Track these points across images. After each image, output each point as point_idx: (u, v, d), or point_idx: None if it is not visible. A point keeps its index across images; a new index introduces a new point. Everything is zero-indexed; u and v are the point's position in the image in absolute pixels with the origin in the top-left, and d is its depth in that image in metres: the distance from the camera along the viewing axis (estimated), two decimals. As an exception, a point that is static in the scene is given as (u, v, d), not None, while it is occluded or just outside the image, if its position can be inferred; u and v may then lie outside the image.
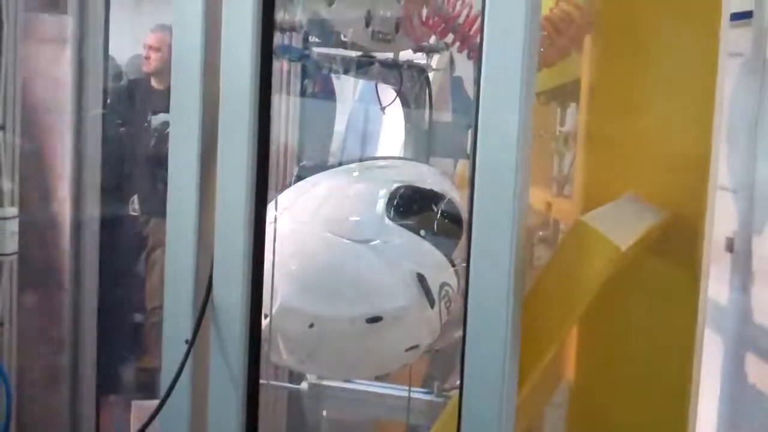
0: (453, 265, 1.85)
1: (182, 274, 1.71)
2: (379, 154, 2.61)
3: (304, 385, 2.21)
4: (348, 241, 1.76)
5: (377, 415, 2.32)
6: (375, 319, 1.74)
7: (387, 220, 1.81)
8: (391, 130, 2.46)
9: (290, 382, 2.31)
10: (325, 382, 2.18)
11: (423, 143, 2.33)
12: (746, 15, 2.99)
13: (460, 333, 1.60)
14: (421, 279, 1.77)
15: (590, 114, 2.04)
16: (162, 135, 3.36)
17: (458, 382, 1.80)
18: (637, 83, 1.88)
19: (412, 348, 1.83)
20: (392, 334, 1.78)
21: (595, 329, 1.91)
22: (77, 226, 2.67)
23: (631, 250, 1.60)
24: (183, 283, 1.71)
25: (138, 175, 3.71)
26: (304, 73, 2.39)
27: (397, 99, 2.26)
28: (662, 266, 1.83)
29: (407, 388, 2.11)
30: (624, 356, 1.91)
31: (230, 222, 1.66)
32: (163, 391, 1.68)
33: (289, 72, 2.35)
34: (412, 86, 2.26)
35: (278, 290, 1.74)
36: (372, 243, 1.77)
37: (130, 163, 3.71)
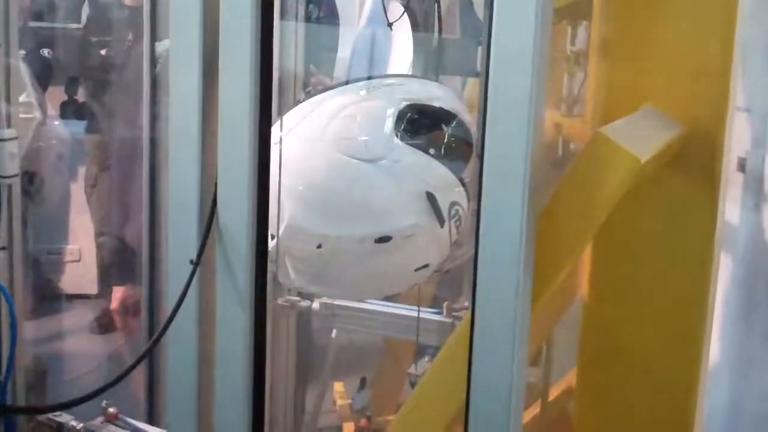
0: (463, 185, 1.81)
1: (186, 194, 1.68)
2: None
3: (315, 305, 2.20)
4: (356, 161, 1.73)
5: (387, 334, 2.32)
6: (384, 239, 1.72)
7: (396, 139, 1.77)
8: (399, 50, 2.40)
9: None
10: (336, 302, 2.17)
11: (432, 61, 2.27)
12: (765, -74, 2.89)
13: (470, 252, 1.58)
14: (430, 198, 1.74)
15: (606, 27, 1.97)
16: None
17: (467, 304, 1.78)
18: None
19: (421, 268, 1.81)
20: (402, 254, 1.75)
21: (610, 246, 1.88)
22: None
23: (650, 164, 1.56)
24: (187, 204, 1.68)
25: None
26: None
27: (406, 18, 2.20)
28: (679, 182, 1.80)
29: (416, 308, 2.10)
30: (639, 273, 1.88)
31: (234, 140, 1.62)
32: (169, 312, 1.67)
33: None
34: (420, 2, 2.20)
35: (285, 210, 1.71)
36: (380, 162, 1.74)
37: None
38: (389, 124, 1.79)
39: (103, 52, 3.73)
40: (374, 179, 1.74)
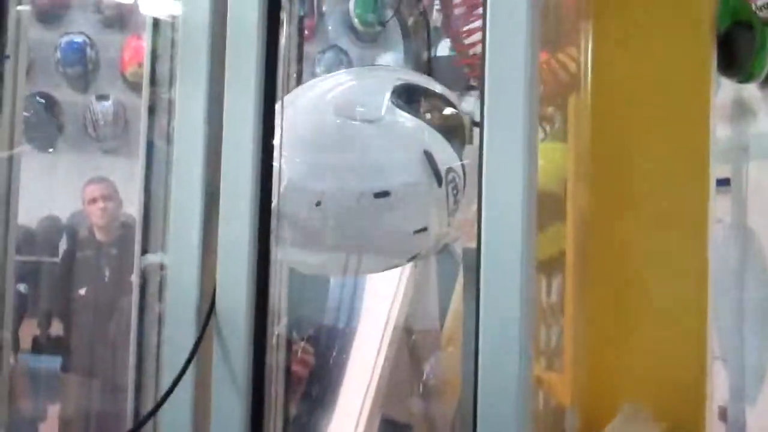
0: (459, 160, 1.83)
1: (186, 285, 1.62)
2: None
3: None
4: (354, 121, 1.78)
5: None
6: (382, 194, 1.73)
7: (393, 107, 1.81)
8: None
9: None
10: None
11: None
12: (723, 182, 3.14)
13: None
14: (428, 156, 1.76)
15: (576, 317, 2.00)
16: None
17: None
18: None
19: (420, 231, 1.79)
20: (400, 212, 1.75)
21: None
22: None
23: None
24: (186, 294, 1.62)
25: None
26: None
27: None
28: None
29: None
30: None
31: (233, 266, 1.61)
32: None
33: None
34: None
35: (284, 174, 1.70)
36: (378, 123, 1.79)
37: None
38: (386, 94, 1.83)
39: (82, 290, 3.76)
40: (372, 137, 1.78)
